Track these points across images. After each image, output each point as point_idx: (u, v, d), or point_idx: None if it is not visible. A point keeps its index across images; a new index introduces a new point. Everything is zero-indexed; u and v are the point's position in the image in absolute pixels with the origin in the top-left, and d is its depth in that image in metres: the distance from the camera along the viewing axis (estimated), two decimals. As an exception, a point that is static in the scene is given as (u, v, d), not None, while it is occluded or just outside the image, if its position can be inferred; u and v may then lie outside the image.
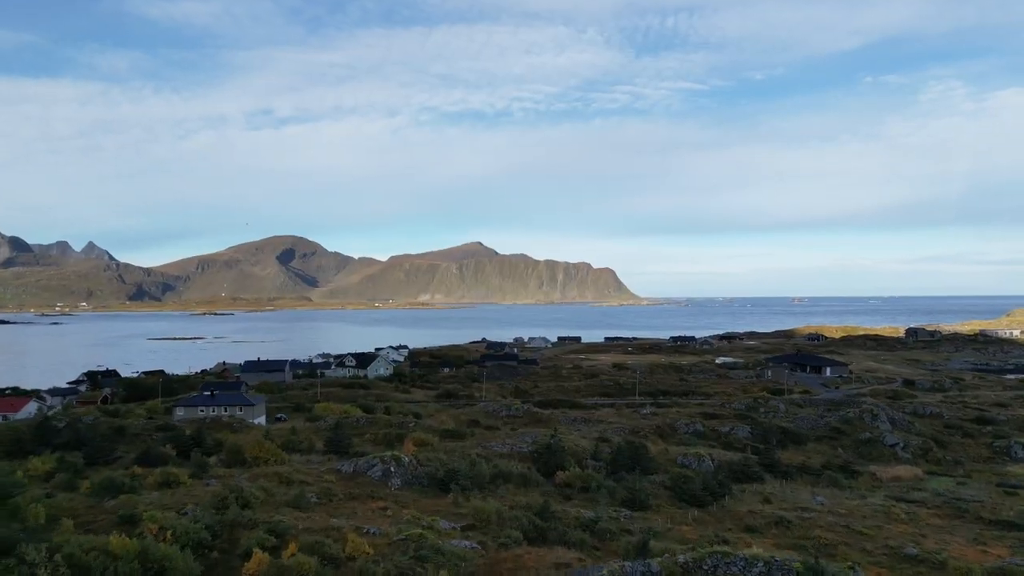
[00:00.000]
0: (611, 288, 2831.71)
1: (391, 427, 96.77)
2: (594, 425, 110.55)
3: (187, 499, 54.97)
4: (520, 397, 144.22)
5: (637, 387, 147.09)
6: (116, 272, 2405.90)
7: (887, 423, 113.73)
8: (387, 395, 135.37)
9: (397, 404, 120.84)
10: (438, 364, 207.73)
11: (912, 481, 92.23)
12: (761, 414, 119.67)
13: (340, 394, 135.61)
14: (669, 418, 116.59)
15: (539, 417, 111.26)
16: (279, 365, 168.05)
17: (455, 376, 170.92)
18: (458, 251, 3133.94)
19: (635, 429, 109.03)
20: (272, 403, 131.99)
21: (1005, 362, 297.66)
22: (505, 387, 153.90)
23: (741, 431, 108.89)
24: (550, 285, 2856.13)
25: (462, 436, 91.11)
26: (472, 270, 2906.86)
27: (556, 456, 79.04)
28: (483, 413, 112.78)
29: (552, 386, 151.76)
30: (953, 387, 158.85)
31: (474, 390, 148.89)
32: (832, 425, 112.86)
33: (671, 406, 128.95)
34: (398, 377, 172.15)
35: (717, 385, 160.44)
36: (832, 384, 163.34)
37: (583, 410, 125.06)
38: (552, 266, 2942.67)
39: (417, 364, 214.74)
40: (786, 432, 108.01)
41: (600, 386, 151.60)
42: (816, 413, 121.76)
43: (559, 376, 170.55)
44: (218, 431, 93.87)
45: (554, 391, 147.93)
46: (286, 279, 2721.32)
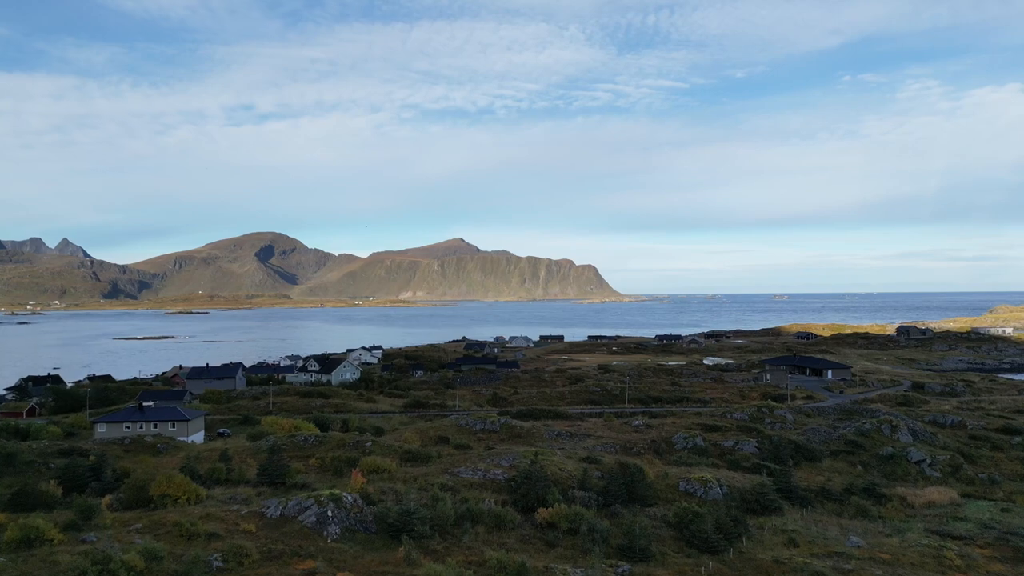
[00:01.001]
0: (593, 285, 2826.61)
1: (344, 448, 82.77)
2: (581, 440, 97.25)
3: (41, 572, 40.93)
4: (498, 406, 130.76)
5: (627, 393, 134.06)
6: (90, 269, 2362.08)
7: (908, 435, 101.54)
8: (348, 405, 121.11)
9: (357, 417, 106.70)
10: (411, 367, 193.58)
11: (948, 507, 79.90)
12: (767, 425, 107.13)
13: (295, 404, 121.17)
14: (665, 430, 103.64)
15: (518, 432, 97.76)
16: (230, 371, 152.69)
17: (427, 382, 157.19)
18: (440, 248, 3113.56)
19: (627, 445, 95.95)
20: (218, 415, 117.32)
21: (1000, 361, 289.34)
22: (482, 394, 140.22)
23: (747, 446, 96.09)
24: (532, 282, 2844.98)
25: (426, 459, 77.33)
26: (454, 267, 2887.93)
27: (537, 486, 65.66)
28: (454, 428, 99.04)
29: (534, 393, 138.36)
30: (965, 391, 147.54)
31: (447, 398, 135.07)
32: (847, 438, 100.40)
33: (665, 415, 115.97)
34: (364, 383, 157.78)
35: (712, 390, 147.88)
36: (835, 388, 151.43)
37: (568, 421, 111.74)
38: (534, 263, 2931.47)
39: (389, 367, 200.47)
40: (798, 447, 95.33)
41: (586, 392, 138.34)
42: (827, 424, 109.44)
43: (541, 381, 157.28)
44: (136, 455, 79.35)
45: (536, 399, 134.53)
46: (265, 276, 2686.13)
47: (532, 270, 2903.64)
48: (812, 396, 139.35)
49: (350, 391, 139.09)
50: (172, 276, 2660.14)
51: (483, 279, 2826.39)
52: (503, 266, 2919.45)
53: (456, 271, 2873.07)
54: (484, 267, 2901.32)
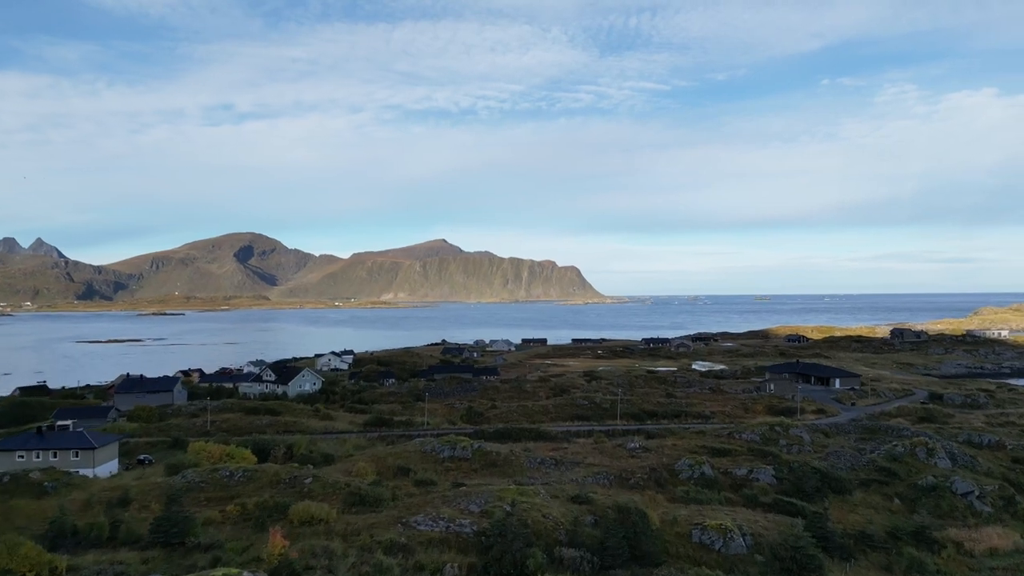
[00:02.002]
0: (576, 286, 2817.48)
1: (277, 486, 67.10)
2: (568, 470, 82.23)
3: None
4: (473, 422, 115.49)
5: (618, 408, 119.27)
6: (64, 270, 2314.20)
7: (946, 460, 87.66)
8: (299, 423, 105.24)
9: (306, 440, 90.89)
10: (381, 375, 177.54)
11: (1014, 554, 66.18)
12: (782, 448, 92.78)
13: (238, 423, 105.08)
14: (665, 455, 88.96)
15: (494, 460, 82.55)
16: (167, 383, 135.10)
17: (396, 393, 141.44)
18: (422, 249, 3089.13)
19: (623, 474, 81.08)
20: (146, 436, 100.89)
21: (999, 365, 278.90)
22: (456, 408, 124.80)
23: (762, 474, 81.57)
24: (515, 283, 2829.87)
25: (377, 502, 61.90)
26: (436, 268, 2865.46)
27: (514, 544, 50.71)
28: (418, 454, 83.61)
29: (514, 407, 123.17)
30: (988, 403, 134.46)
31: (416, 413, 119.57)
32: (878, 463, 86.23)
33: (663, 435, 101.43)
34: (325, 395, 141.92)
35: (712, 402, 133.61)
36: (845, 399, 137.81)
37: (552, 443, 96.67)
38: (517, 264, 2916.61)
39: (357, 375, 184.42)
40: (823, 476, 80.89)
41: (572, 406, 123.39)
42: (850, 445, 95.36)
43: (522, 392, 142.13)
44: (11, 498, 63.08)
45: (516, 414, 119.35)
46: (244, 277, 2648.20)
47: (515, 271, 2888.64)
48: (823, 409, 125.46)
49: (305, 405, 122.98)
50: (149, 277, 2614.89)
51: (465, 280, 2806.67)
52: (485, 267, 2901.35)
53: (438, 272, 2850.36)
54: (466, 268, 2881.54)
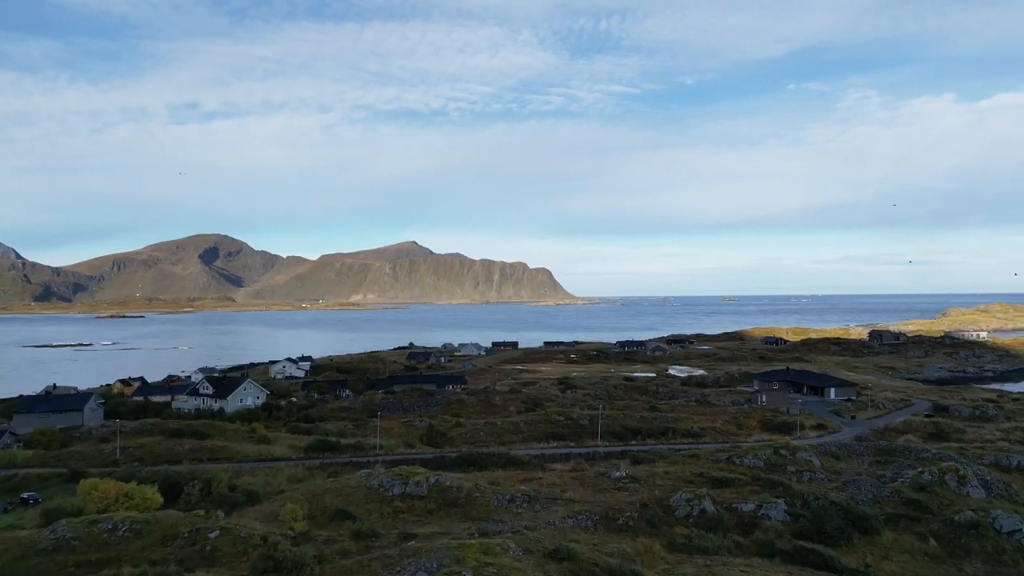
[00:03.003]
0: (547, 288, 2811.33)
1: (171, 544, 52.31)
2: (544, 508, 68.44)
3: None
4: (434, 444, 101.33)
5: (599, 425, 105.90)
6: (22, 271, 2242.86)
7: (979, 489, 75.72)
8: (229, 449, 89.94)
9: (231, 471, 75.94)
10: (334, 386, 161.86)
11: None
12: (790, 475, 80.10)
13: (155, 449, 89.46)
14: (657, 486, 75.78)
15: (454, 498, 68.53)
16: (76, 401, 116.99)
17: (348, 409, 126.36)
18: (392, 250, 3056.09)
19: (609, 514, 67.53)
20: (46, 466, 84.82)
21: (981, 368, 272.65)
22: (415, 427, 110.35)
23: (774, 511, 68.72)
24: (486, 285, 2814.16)
25: (297, 569, 47.31)
26: (406, 269, 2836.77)
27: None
28: (363, 491, 69.26)
29: (481, 425, 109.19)
30: (998, 415, 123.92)
31: (369, 432, 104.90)
32: (904, 495, 73.86)
33: (652, 459, 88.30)
34: (268, 411, 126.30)
35: (700, 416, 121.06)
36: (844, 412, 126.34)
37: (524, 471, 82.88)
38: (488, 265, 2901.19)
39: (310, 385, 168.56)
40: (846, 513, 68.26)
41: (547, 423, 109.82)
42: (867, 471, 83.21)
43: (491, 406, 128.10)
44: None
45: (483, 433, 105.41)
46: (209, 279, 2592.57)
47: (486, 273, 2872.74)
48: (824, 424, 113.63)
49: (241, 425, 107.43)
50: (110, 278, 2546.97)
51: (436, 282, 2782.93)
52: (456, 269, 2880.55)
53: (408, 274, 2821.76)
54: (437, 270, 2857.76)
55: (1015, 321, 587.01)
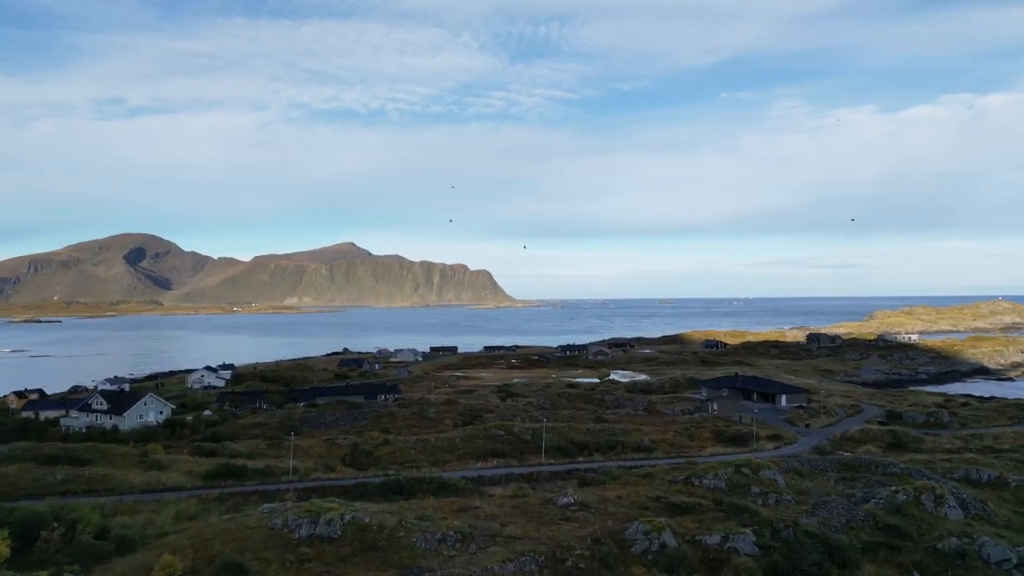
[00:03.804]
0: (488, 290, 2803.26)
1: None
2: (481, 549, 58.25)
3: None
4: (358, 464, 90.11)
5: (543, 440, 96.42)
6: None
7: (957, 509, 69.43)
8: (113, 478, 76.53)
9: (106, 506, 63.14)
10: (250, 399, 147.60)
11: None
12: (755, 497, 72.19)
13: (21, 478, 75.32)
14: (609, 514, 66.62)
15: (374, 539, 57.77)
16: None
17: (263, 425, 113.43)
18: (329, 252, 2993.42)
19: (557, 553, 57.79)
20: None
21: (915, 371, 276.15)
22: (338, 445, 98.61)
23: (742, 543, 60.27)
24: (426, 287, 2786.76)
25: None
26: (343, 271, 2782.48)
27: None
28: (262, 534, 57.71)
29: (412, 442, 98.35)
30: (953, 421, 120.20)
31: (284, 452, 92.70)
32: (880, 518, 66.87)
33: (602, 480, 79.36)
34: (171, 429, 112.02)
35: (649, 426, 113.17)
36: (798, 420, 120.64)
37: (459, 498, 72.70)
38: (428, 267, 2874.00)
39: (227, 397, 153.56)
40: (822, 543, 60.50)
41: (486, 439, 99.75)
42: (835, 489, 76.24)
43: (425, 420, 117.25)
44: None
45: (415, 450, 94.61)
46: (134, 281, 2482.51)
47: (426, 275, 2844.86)
48: (779, 434, 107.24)
49: (133, 448, 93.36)
50: (26, 281, 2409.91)
51: (375, 284, 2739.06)
52: (396, 271, 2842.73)
53: (346, 276, 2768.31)
54: (376, 272, 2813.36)
55: (938, 323, 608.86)
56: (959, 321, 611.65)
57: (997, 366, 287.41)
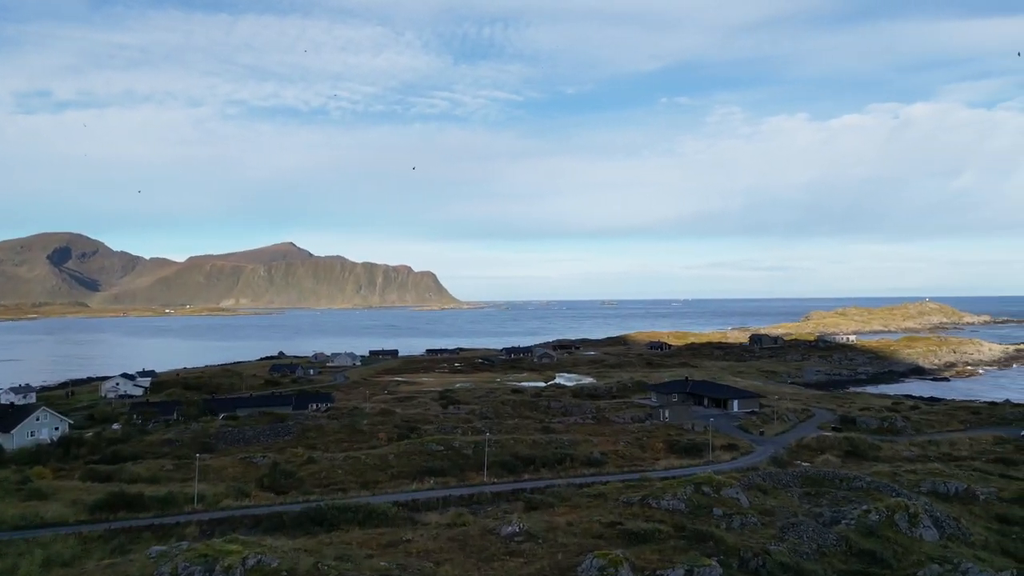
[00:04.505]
0: (432, 292, 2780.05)
1: None
2: (410, 596, 49.70)
3: None
4: (277, 488, 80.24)
5: (485, 454, 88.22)
6: None
7: (932, 528, 64.22)
8: (-25, 514, 65.00)
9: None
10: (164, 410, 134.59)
11: None
12: (718, 520, 65.60)
13: None
14: (560, 545, 58.60)
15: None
16: None
17: (174, 442, 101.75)
18: (267, 252, 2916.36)
19: (501, 598, 49.94)
20: None
21: (855, 371, 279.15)
22: (256, 465, 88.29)
23: (708, 577, 53.43)
24: (368, 289, 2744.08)
25: None
26: (283, 272, 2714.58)
27: None
28: (143, 588, 47.37)
29: (340, 459, 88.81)
30: (907, 426, 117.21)
31: (192, 475, 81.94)
32: (854, 542, 60.93)
33: (551, 502, 71.67)
34: (65, 447, 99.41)
35: (598, 436, 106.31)
36: (751, 427, 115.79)
37: (389, 528, 63.91)
38: (371, 268, 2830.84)
39: (139, 408, 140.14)
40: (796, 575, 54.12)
41: (423, 454, 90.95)
42: (801, 508, 70.36)
43: (356, 432, 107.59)
44: None
45: (342, 470, 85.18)
46: (59, 282, 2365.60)
47: (368, 276, 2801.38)
48: (734, 443, 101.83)
49: (13, 473, 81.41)
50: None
51: (315, 285, 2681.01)
52: (337, 272, 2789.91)
53: (285, 277, 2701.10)
54: (316, 273, 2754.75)
55: (870, 323, 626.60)
56: (890, 322, 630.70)
57: (932, 366, 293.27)
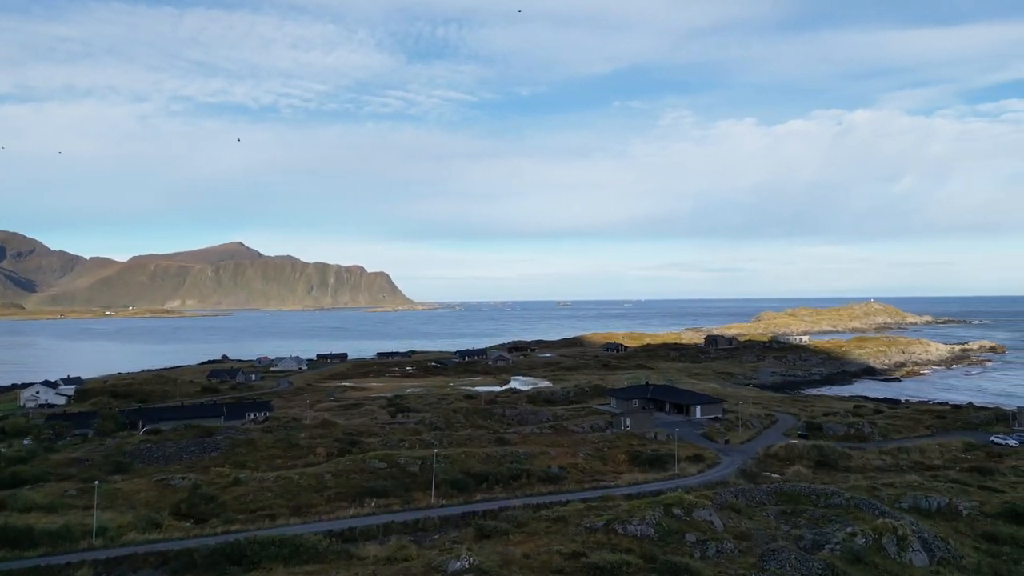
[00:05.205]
0: (386, 293, 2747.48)
1: None
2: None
3: None
4: (196, 515, 70.87)
5: (433, 471, 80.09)
6: None
7: (921, 552, 58.86)
8: None
9: None
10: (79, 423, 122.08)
11: None
12: (692, 548, 58.93)
13: None
14: (515, 585, 51.34)
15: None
16: None
17: (83, 461, 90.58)
18: (216, 252, 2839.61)
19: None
20: None
21: (809, 372, 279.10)
22: (173, 487, 78.47)
23: (685, 620, 46.62)
24: (320, 290, 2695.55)
25: None
26: (231, 273, 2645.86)
27: None
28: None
29: (271, 479, 79.59)
30: (874, 431, 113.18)
31: (100, 500, 71.82)
32: (838, 570, 55.02)
33: (503, 528, 64.03)
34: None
35: (556, 447, 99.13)
36: (715, 435, 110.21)
37: (318, 565, 55.41)
38: (323, 269, 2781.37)
39: (53, 420, 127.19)
40: (782, 616, 47.70)
41: (365, 472, 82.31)
42: (780, 531, 64.30)
43: (292, 448, 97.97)
44: None
45: (272, 492, 76.05)
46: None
47: (320, 277, 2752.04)
48: (700, 454, 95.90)
49: None
50: None
51: (265, 286, 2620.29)
52: (288, 272, 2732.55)
53: (233, 277, 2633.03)
54: (266, 273, 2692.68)
55: (819, 324, 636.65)
56: (837, 322, 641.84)
57: (882, 366, 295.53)
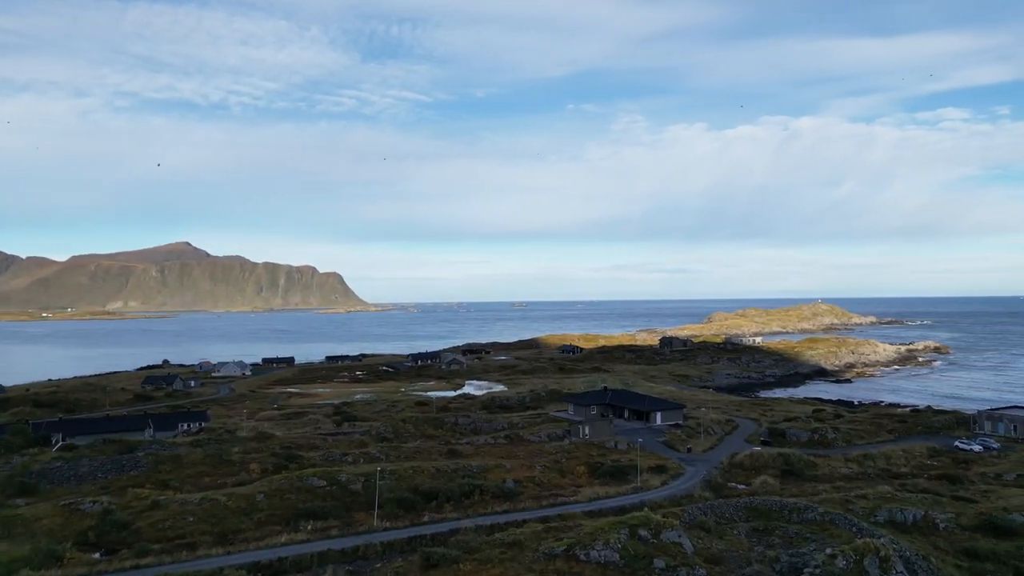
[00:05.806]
0: (338, 293, 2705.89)
1: None
2: None
3: None
4: (107, 543, 62.80)
5: (377, 490, 73.23)
6: None
7: (905, 574, 54.71)
8: None
9: None
10: None
11: None
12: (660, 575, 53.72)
13: None
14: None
15: None
16: None
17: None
18: (161, 252, 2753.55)
19: None
20: None
21: (763, 374, 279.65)
22: (83, 512, 69.99)
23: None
24: (270, 290, 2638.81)
25: None
26: (176, 273, 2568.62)
27: None
28: None
29: (195, 501, 71.64)
30: (837, 438, 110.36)
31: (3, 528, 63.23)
32: (821, 599, 50.46)
33: (453, 557, 57.77)
34: None
35: (512, 460, 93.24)
36: (677, 443, 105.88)
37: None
38: (273, 269, 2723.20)
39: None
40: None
41: (302, 491, 74.96)
42: (751, 550, 59.64)
43: (224, 463, 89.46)
44: None
45: (195, 516, 68.23)
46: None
47: (270, 277, 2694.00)
48: (662, 464, 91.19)
49: None
50: None
51: (212, 287, 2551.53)
52: (236, 272, 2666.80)
53: (179, 278, 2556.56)
54: (214, 274, 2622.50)
55: (769, 324, 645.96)
56: (787, 323, 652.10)
57: (834, 367, 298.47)
